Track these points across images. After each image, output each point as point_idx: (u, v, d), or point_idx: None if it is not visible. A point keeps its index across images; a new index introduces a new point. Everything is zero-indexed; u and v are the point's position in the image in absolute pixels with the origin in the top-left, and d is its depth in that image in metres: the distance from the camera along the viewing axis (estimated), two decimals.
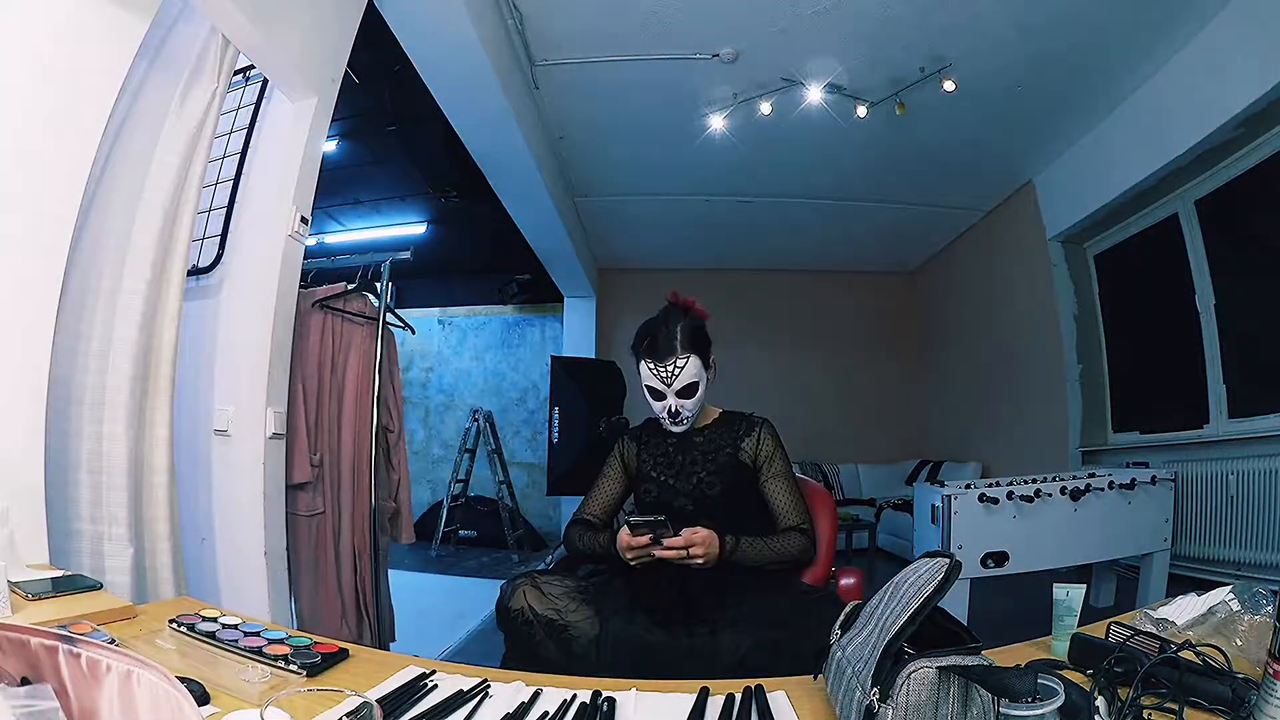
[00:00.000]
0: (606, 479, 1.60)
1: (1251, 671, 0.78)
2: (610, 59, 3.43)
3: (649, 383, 1.48)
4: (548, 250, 5.45)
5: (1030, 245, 4.73)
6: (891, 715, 0.63)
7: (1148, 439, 4.03)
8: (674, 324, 1.46)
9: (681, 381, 1.44)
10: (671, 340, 1.44)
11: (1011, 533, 2.79)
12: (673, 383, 1.44)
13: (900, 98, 3.61)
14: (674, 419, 1.48)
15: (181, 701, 0.51)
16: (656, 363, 1.44)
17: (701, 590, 1.35)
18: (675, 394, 1.45)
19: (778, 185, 4.95)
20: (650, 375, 1.46)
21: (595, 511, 1.57)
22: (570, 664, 1.16)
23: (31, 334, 1.31)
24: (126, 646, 0.84)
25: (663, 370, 1.44)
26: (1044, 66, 3.41)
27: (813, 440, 6.31)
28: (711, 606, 1.31)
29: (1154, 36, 3.16)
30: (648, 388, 1.49)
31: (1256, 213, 3.27)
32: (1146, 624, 0.94)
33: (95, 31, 1.37)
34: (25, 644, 0.56)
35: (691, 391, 1.46)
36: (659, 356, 1.44)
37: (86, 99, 1.37)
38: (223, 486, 1.91)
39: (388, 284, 2.45)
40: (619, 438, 1.65)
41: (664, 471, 1.53)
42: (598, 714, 0.79)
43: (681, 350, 1.43)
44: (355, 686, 0.74)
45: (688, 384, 1.45)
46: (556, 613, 1.21)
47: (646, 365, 1.46)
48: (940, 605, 0.71)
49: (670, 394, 1.45)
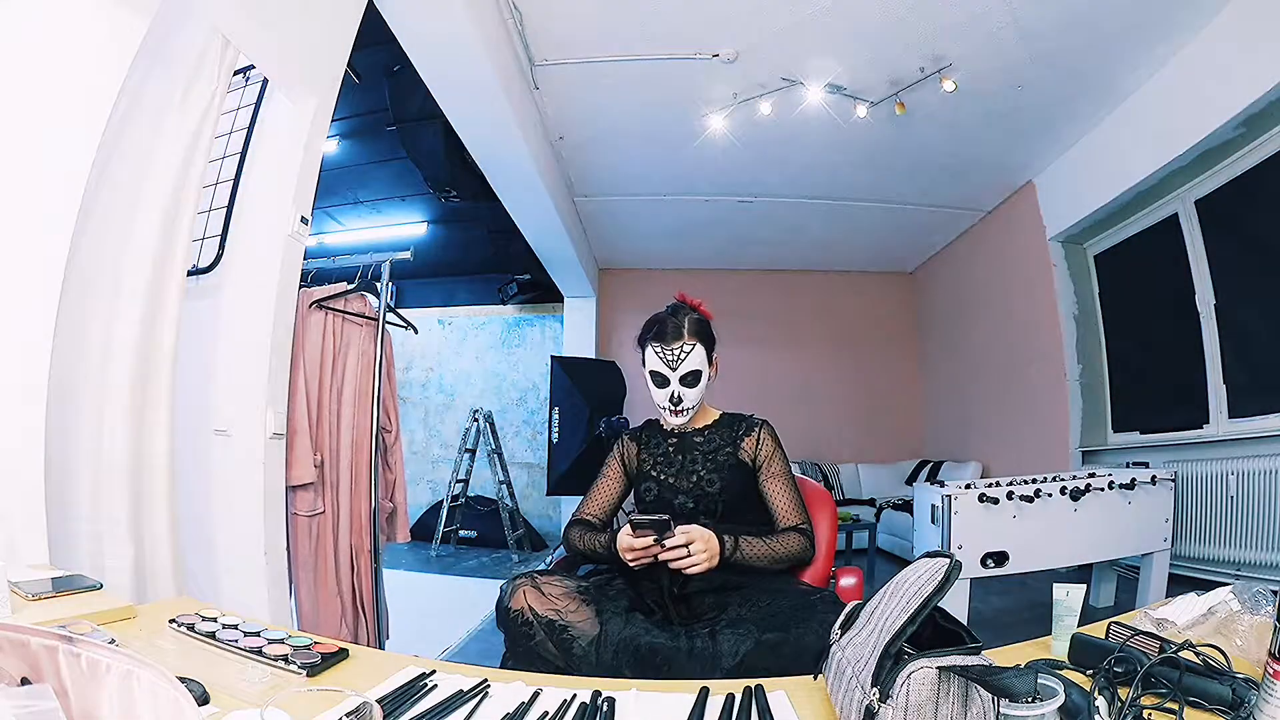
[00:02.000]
0: (606, 479, 1.61)
1: (1251, 671, 0.78)
2: (610, 59, 3.43)
3: (653, 367, 1.49)
4: (548, 250, 5.44)
5: (1030, 245, 4.73)
6: (891, 715, 0.63)
7: (1148, 439, 4.03)
8: (682, 316, 1.51)
9: (686, 367, 1.47)
10: (679, 328, 1.49)
11: (1011, 532, 2.79)
12: (678, 367, 1.47)
13: (900, 98, 3.61)
14: (675, 406, 1.49)
15: (181, 701, 0.51)
16: (663, 346, 1.48)
17: (701, 591, 1.35)
18: (679, 380, 1.47)
19: (778, 185, 4.96)
20: (655, 359, 1.49)
21: (595, 512, 1.58)
22: (570, 664, 1.16)
23: (31, 334, 1.31)
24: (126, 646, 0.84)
25: (669, 353, 1.47)
26: (1044, 66, 3.41)
27: (813, 440, 6.31)
28: (711, 607, 1.31)
29: (1154, 36, 3.16)
30: (651, 373, 1.50)
31: (1256, 213, 3.27)
32: (1146, 624, 0.94)
33: (95, 31, 1.37)
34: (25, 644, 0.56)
35: (695, 380, 1.48)
36: (666, 340, 1.48)
37: (86, 99, 1.37)
38: (223, 486, 1.91)
39: (388, 284, 2.45)
40: (618, 438, 1.65)
41: (664, 470, 1.54)
42: (598, 714, 0.79)
43: (688, 337, 1.48)
44: (355, 686, 0.74)
45: (692, 370, 1.47)
46: (556, 613, 1.21)
47: (653, 349, 1.49)
48: (940, 605, 0.71)
49: (674, 379, 1.48)
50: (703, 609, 1.33)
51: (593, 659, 1.16)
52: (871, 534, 4.84)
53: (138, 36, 1.43)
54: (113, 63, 1.41)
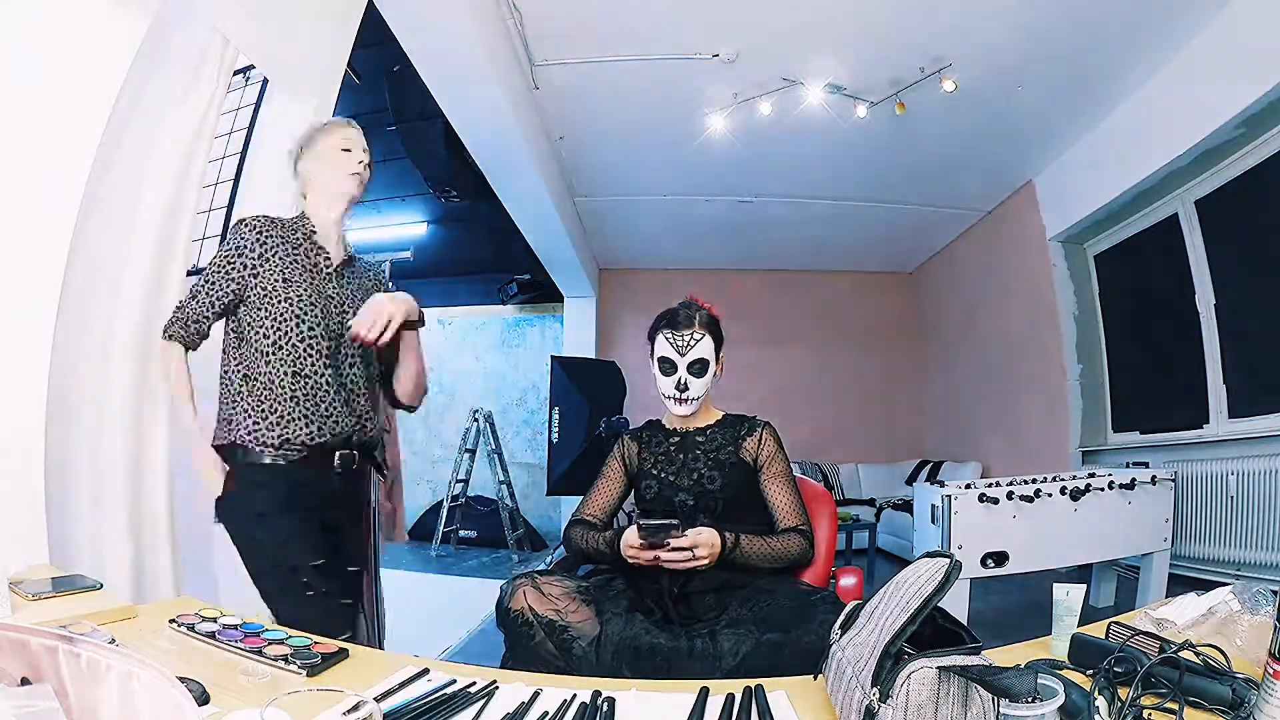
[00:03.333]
0: (607, 480, 1.61)
1: (1251, 671, 0.78)
2: (610, 59, 3.43)
3: (663, 353, 1.52)
4: (548, 250, 5.45)
5: (1030, 245, 4.73)
6: (891, 715, 0.63)
7: (1148, 439, 4.03)
8: (694, 310, 1.55)
9: (695, 354, 1.50)
10: (691, 318, 1.53)
11: (1011, 532, 2.79)
12: (687, 353, 1.50)
13: (900, 98, 3.61)
14: (681, 393, 1.50)
15: (181, 701, 0.51)
16: (674, 332, 1.52)
17: (701, 591, 1.35)
18: (686, 367, 1.50)
19: (777, 185, 4.96)
20: (665, 345, 1.52)
21: (595, 512, 1.58)
22: (570, 664, 1.16)
23: (32, 335, 1.31)
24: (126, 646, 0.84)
25: (679, 339, 1.51)
26: (1044, 67, 3.41)
27: (813, 440, 6.31)
28: (711, 607, 1.31)
29: (1154, 36, 3.16)
30: (660, 359, 1.52)
31: (1256, 213, 3.27)
32: (1146, 624, 0.94)
33: (95, 31, 1.37)
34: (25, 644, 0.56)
35: (702, 370, 1.50)
36: (677, 327, 1.52)
37: (86, 99, 1.37)
38: None
39: (388, 284, 2.44)
40: (619, 438, 1.66)
41: (665, 468, 1.54)
42: (598, 714, 0.79)
43: (699, 328, 1.52)
44: (355, 686, 0.74)
45: (700, 359, 1.50)
46: (556, 613, 1.21)
47: (663, 335, 1.52)
48: (940, 605, 0.71)
49: (682, 365, 1.50)
50: (703, 609, 1.33)
51: (593, 659, 1.16)
52: (871, 534, 4.84)
53: (138, 36, 1.43)
54: (113, 63, 1.41)
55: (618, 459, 1.62)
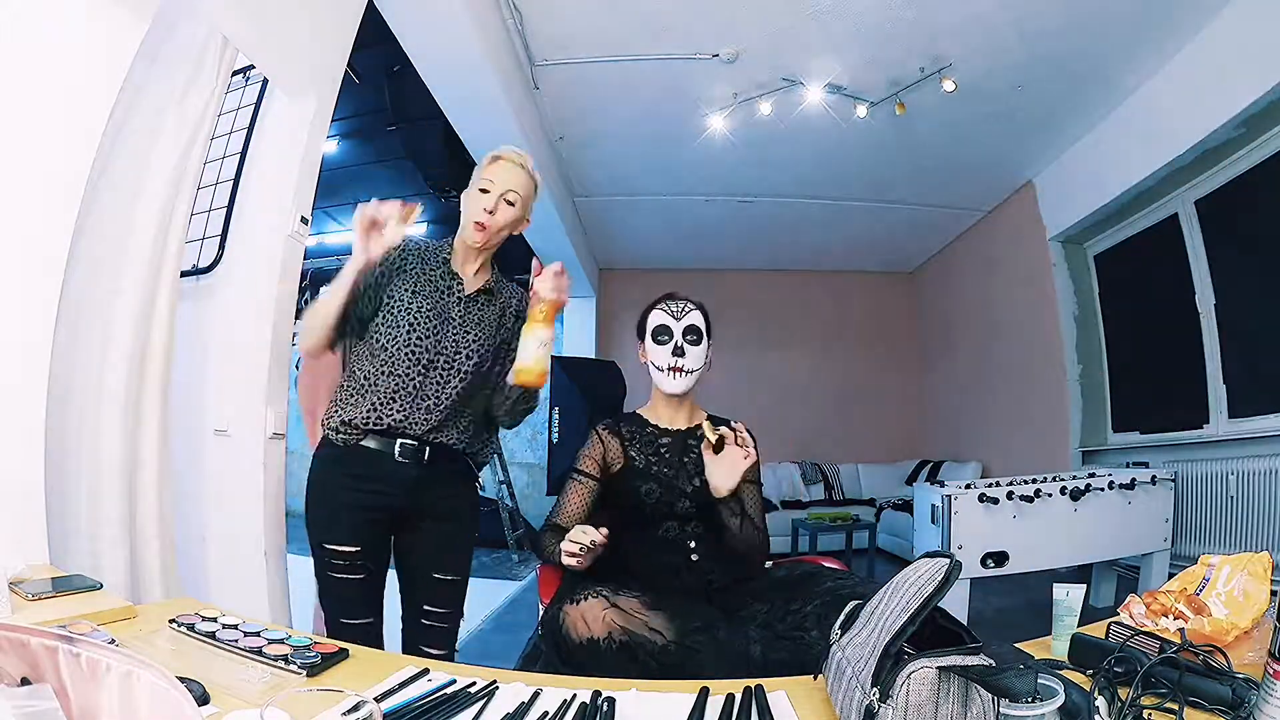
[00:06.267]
0: (580, 484, 1.52)
1: (1251, 671, 0.78)
2: (610, 59, 3.43)
3: (659, 321, 1.53)
4: (547, 250, 5.44)
5: (1030, 245, 4.73)
6: (891, 715, 0.63)
7: (1148, 439, 4.03)
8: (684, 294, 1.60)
9: (690, 320, 1.52)
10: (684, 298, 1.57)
11: (1011, 532, 2.79)
12: (682, 318, 1.52)
13: (900, 98, 3.61)
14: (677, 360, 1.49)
15: (181, 701, 0.51)
16: (669, 302, 1.55)
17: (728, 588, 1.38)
18: (682, 333, 1.51)
19: (777, 185, 4.96)
20: (661, 315, 1.54)
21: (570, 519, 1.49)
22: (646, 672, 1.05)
23: (32, 335, 1.31)
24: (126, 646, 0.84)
25: (674, 307, 1.53)
26: (1044, 67, 3.41)
27: (812, 440, 6.31)
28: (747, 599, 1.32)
29: (1154, 36, 3.16)
30: (656, 328, 1.53)
31: (1256, 213, 3.27)
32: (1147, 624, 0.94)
33: (95, 31, 1.37)
34: (25, 644, 0.56)
35: (697, 339, 1.51)
36: (673, 298, 1.56)
37: (86, 99, 1.37)
38: (223, 486, 1.91)
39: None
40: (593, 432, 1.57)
41: (662, 470, 1.52)
42: (598, 714, 0.79)
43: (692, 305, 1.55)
44: (355, 686, 0.74)
45: (694, 325, 1.52)
46: (649, 629, 1.10)
47: (659, 308, 1.55)
48: (940, 605, 0.71)
49: (678, 331, 1.51)
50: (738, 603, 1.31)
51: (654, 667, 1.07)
52: (871, 534, 4.84)
53: (138, 36, 1.43)
54: (113, 63, 1.40)
55: (594, 460, 1.53)
